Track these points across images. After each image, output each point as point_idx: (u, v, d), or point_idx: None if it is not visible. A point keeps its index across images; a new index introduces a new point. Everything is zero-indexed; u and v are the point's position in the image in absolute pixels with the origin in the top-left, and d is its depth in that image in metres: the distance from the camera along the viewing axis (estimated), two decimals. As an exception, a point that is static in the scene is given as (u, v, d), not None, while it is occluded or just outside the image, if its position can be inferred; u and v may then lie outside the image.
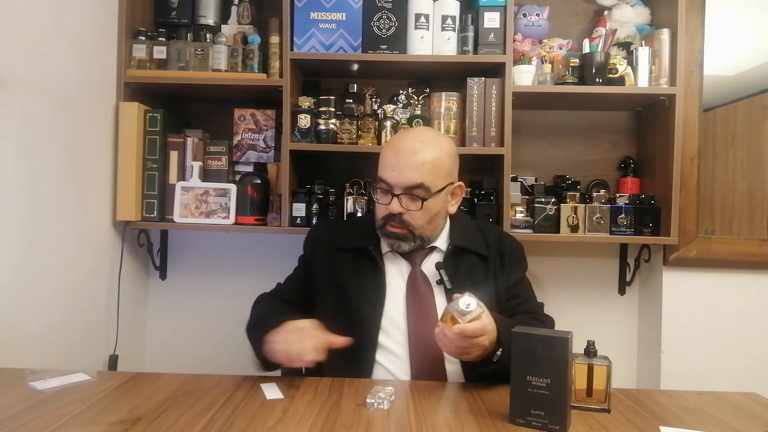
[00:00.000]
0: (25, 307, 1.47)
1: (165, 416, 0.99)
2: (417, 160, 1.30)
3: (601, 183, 2.06)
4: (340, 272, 1.40)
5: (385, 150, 1.38)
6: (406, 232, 1.34)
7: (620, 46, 1.94)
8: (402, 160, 1.31)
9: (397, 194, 1.32)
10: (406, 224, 1.33)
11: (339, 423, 0.98)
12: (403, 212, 1.32)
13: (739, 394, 1.20)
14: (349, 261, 1.41)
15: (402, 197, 1.31)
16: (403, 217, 1.32)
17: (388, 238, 1.37)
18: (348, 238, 1.46)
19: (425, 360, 1.30)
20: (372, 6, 1.86)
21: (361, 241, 1.42)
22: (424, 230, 1.35)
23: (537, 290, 1.53)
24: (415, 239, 1.35)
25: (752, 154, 1.97)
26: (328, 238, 1.47)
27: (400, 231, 1.34)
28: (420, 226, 1.34)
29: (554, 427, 0.95)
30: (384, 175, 1.33)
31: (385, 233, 1.36)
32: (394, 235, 1.35)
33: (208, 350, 2.17)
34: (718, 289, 1.97)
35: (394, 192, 1.32)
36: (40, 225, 1.52)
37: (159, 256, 2.15)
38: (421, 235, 1.35)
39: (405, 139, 1.37)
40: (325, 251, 1.45)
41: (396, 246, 1.37)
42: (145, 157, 1.88)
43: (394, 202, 1.32)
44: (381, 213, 1.36)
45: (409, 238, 1.35)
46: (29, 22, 1.46)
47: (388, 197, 1.33)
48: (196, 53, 1.89)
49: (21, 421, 0.96)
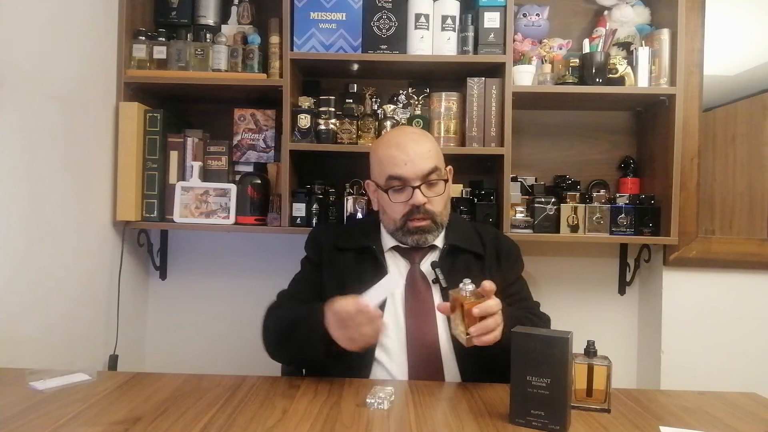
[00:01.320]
0: (25, 307, 1.47)
1: (165, 416, 0.99)
2: (423, 149, 1.35)
3: (601, 183, 2.06)
4: (344, 272, 1.40)
5: (384, 150, 1.38)
6: (430, 223, 1.36)
7: (620, 46, 1.94)
8: (411, 152, 1.33)
9: (416, 186, 1.33)
10: (429, 214, 1.35)
11: (339, 423, 0.98)
12: (426, 201, 1.34)
13: (739, 394, 1.20)
14: (352, 261, 1.42)
15: (422, 187, 1.33)
16: (426, 206, 1.34)
17: (413, 234, 1.36)
18: (349, 238, 1.46)
19: (423, 357, 1.31)
20: (372, 6, 1.86)
21: (362, 241, 1.43)
22: (443, 217, 1.39)
23: (537, 290, 1.53)
24: (437, 228, 1.38)
25: (752, 154, 1.97)
26: (331, 238, 1.47)
27: (425, 223, 1.35)
28: (440, 212, 1.37)
29: (554, 427, 0.95)
30: (396, 171, 1.33)
31: (409, 230, 1.36)
32: (419, 230, 1.36)
33: (208, 350, 2.17)
34: (718, 289, 1.97)
35: (412, 185, 1.33)
36: (40, 225, 1.52)
37: (159, 256, 2.15)
38: (441, 222, 1.38)
39: (399, 137, 1.39)
40: (329, 251, 1.45)
41: (422, 240, 1.37)
42: (145, 157, 1.88)
43: (416, 194, 1.33)
44: (400, 211, 1.36)
45: (433, 229, 1.37)
46: (29, 22, 1.46)
47: (406, 192, 1.34)
48: (196, 53, 1.89)
49: (21, 421, 0.96)
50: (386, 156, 1.36)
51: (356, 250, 1.43)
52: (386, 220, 1.42)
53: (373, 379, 1.30)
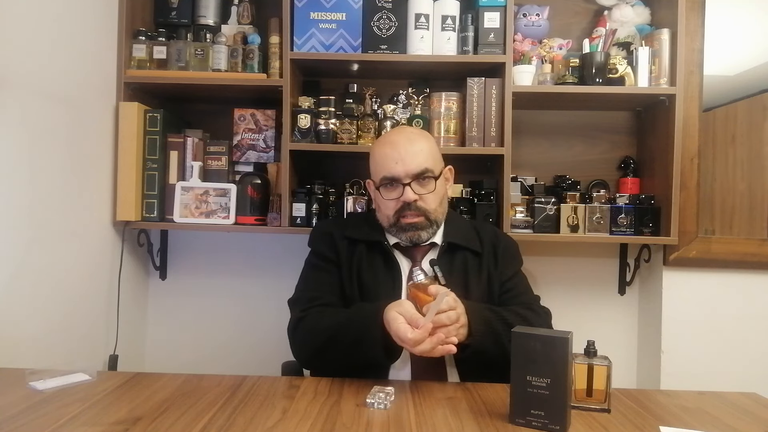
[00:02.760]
0: (25, 307, 1.47)
1: (165, 416, 0.99)
2: (416, 148, 1.37)
3: (601, 183, 2.06)
4: (360, 268, 1.41)
5: (379, 149, 1.41)
6: (423, 219, 1.37)
7: (620, 46, 1.94)
8: (403, 151, 1.36)
9: (407, 183, 1.35)
10: (422, 210, 1.36)
11: (339, 423, 0.98)
12: (417, 198, 1.35)
13: (739, 394, 1.20)
14: (365, 254, 1.42)
15: (412, 184, 1.35)
16: (417, 203, 1.35)
17: (406, 231, 1.38)
18: (357, 229, 1.46)
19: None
20: (372, 6, 1.86)
21: (372, 234, 1.44)
22: (437, 214, 1.39)
23: (537, 290, 1.53)
24: (431, 225, 1.38)
25: (752, 154, 1.97)
26: (340, 230, 1.47)
27: (417, 220, 1.36)
28: (434, 209, 1.38)
29: (554, 427, 0.95)
30: (388, 170, 1.36)
31: (402, 227, 1.38)
32: (412, 226, 1.37)
33: (208, 350, 2.17)
34: (718, 289, 1.97)
35: (403, 182, 1.35)
36: (40, 225, 1.52)
37: (159, 256, 2.15)
38: (435, 219, 1.39)
39: (395, 136, 1.42)
40: (342, 245, 1.44)
41: (415, 237, 1.38)
42: (145, 157, 1.88)
43: (407, 191, 1.35)
44: (392, 208, 1.38)
45: (426, 225, 1.38)
46: (29, 22, 1.46)
47: (397, 190, 1.36)
48: (196, 53, 1.89)
49: (21, 421, 0.96)
50: (380, 155, 1.39)
51: (367, 243, 1.43)
52: (381, 218, 1.43)
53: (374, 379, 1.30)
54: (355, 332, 1.22)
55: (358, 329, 1.22)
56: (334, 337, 1.24)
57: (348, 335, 1.22)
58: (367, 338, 1.19)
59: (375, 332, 1.18)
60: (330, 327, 1.26)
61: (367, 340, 1.19)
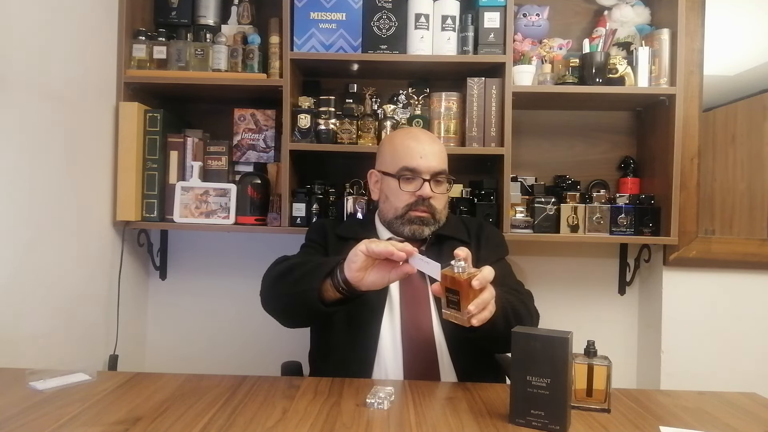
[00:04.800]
0: (25, 307, 1.47)
1: (165, 416, 0.99)
2: (438, 149, 1.44)
3: (601, 183, 2.06)
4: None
5: (402, 140, 1.44)
6: (429, 216, 1.40)
7: (620, 46, 1.94)
8: (428, 148, 1.41)
9: (426, 179, 1.39)
10: (431, 208, 1.40)
11: (339, 423, 0.98)
12: (433, 196, 1.39)
13: (739, 394, 1.20)
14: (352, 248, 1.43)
15: (431, 182, 1.39)
16: (430, 201, 1.39)
17: (412, 224, 1.40)
18: (349, 229, 1.52)
19: (418, 345, 1.34)
20: (372, 6, 1.86)
21: (361, 232, 1.45)
22: (442, 215, 1.44)
23: (537, 290, 1.52)
24: (435, 223, 1.42)
25: (752, 154, 1.97)
26: (333, 228, 1.52)
27: (425, 215, 1.40)
28: (441, 210, 1.43)
29: (554, 427, 0.95)
30: (411, 163, 1.39)
31: (410, 219, 1.40)
32: (419, 220, 1.40)
33: (208, 350, 2.17)
34: (718, 289, 1.97)
35: (423, 177, 1.39)
36: (40, 225, 1.52)
37: (159, 256, 2.15)
38: (440, 219, 1.43)
39: (418, 132, 1.49)
40: (333, 239, 1.49)
41: (419, 232, 1.41)
42: (145, 157, 1.88)
43: (425, 186, 1.39)
44: (405, 200, 1.40)
45: (431, 222, 1.41)
46: (29, 22, 1.46)
47: (415, 183, 1.40)
48: (196, 53, 1.89)
49: (21, 421, 0.96)
50: (403, 146, 1.42)
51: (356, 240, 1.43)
52: (386, 208, 1.44)
53: (374, 379, 1.31)
54: (309, 266, 1.21)
55: (313, 265, 1.21)
56: (291, 268, 1.25)
57: (302, 268, 1.22)
58: (317, 271, 1.17)
59: (326, 267, 1.16)
60: (293, 263, 1.27)
61: (316, 272, 1.17)
